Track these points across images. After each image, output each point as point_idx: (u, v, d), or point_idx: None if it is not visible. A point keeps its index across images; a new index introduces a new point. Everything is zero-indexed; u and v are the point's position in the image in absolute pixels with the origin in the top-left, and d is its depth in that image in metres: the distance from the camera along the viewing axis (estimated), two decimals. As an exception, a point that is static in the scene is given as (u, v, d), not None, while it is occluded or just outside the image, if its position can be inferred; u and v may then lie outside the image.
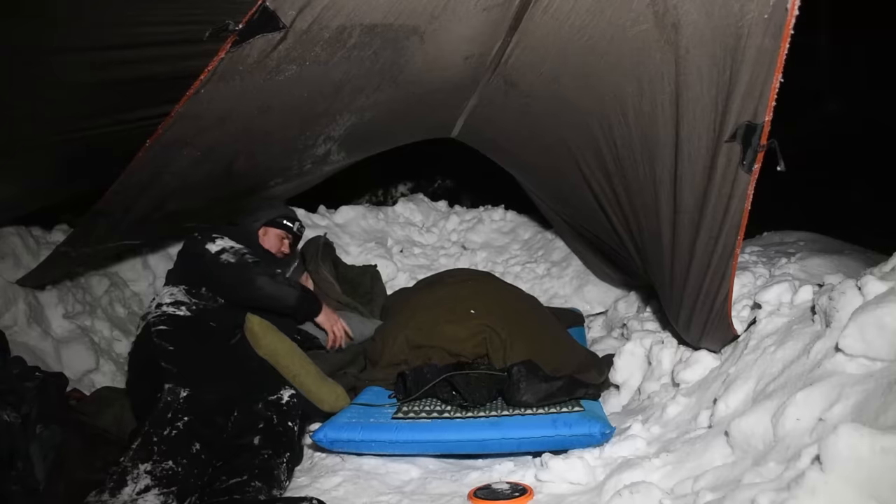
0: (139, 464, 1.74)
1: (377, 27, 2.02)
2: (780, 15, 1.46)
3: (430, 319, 2.73)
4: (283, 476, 1.91)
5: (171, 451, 1.79)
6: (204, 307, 2.41)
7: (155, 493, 1.68)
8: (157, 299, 2.45)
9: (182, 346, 2.19)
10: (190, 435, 1.86)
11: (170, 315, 2.32)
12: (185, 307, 2.37)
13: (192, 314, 2.36)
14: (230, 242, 2.52)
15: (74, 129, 2.14)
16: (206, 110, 2.04)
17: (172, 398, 1.94)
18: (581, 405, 2.18)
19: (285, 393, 2.19)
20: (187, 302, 2.40)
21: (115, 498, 1.66)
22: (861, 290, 1.52)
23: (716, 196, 1.82)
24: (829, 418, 1.31)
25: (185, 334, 2.27)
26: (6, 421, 1.70)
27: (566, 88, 2.42)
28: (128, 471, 1.72)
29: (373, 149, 3.59)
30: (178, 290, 2.44)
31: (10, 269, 2.63)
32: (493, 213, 4.65)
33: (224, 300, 2.46)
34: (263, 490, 1.79)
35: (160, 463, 1.75)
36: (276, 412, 2.08)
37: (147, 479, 1.70)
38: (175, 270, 2.61)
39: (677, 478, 1.59)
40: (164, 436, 1.83)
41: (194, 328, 2.33)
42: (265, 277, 2.43)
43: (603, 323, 3.47)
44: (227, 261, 2.42)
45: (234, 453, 1.91)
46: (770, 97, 1.56)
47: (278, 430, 2.03)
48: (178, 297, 2.41)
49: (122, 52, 1.81)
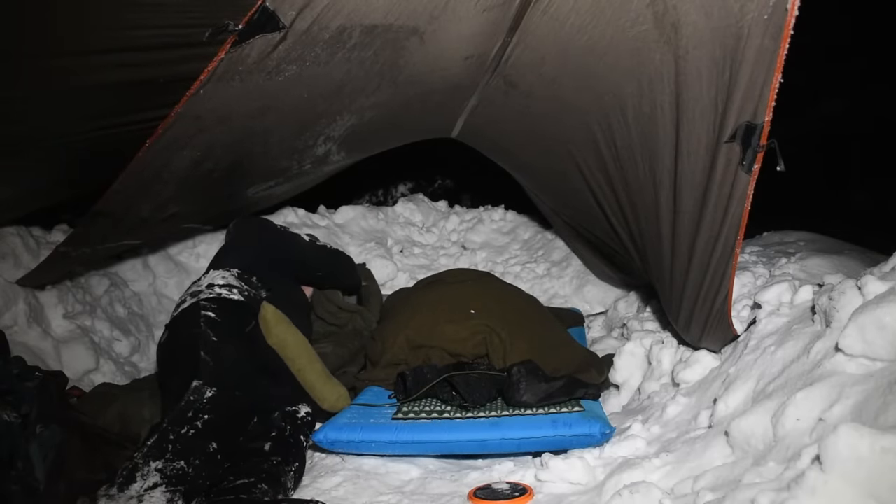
0: (151, 461, 1.74)
1: (377, 28, 2.02)
2: (780, 15, 1.46)
3: (430, 319, 2.73)
4: (289, 483, 1.91)
5: (185, 451, 1.79)
6: (253, 296, 2.41)
7: (161, 490, 1.68)
8: (205, 279, 2.42)
9: (224, 339, 2.18)
10: (208, 434, 1.86)
11: (223, 298, 2.30)
12: (238, 291, 2.37)
13: (244, 299, 2.35)
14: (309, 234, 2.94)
15: (74, 130, 2.14)
16: (206, 111, 2.05)
17: (196, 397, 1.93)
18: (581, 405, 2.18)
19: (303, 408, 2.22)
20: (238, 286, 2.39)
21: (123, 493, 1.67)
22: (861, 290, 1.52)
23: (716, 196, 1.83)
24: (829, 418, 1.31)
25: (233, 321, 2.25)
26: (6, 421, 1.70)
27: (566, 89, 2.42)
28: (139, 467, 1.73)
29: (373, 149, 3.59)
30: (231, 273, 2.44)
31: (10, 269, 2.63)
32: (493, 213, 4.65)
33: (273, 293, 2.50)
34: (269, 494, 1.79)
35: (172, 462, 1.75)
36: (290, 423, 2.10)
37: (156, 477, 1.71)
38: (234, 251, 2.63)
39: (677, 478, 1.59)
40: (180, 434, 1.83)
41: (242, 315, 2.31)
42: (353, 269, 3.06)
43: (603, 323, 3.47)
44: (333, 248, 2.94)
45: (243, 457, 1.91)
46: (770, 97, 1.56)
47: (290, 440, 2.04)
48: (229, 281, 2.40)
49: (121, 56, 1.80)
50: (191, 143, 2.23)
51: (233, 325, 2.25)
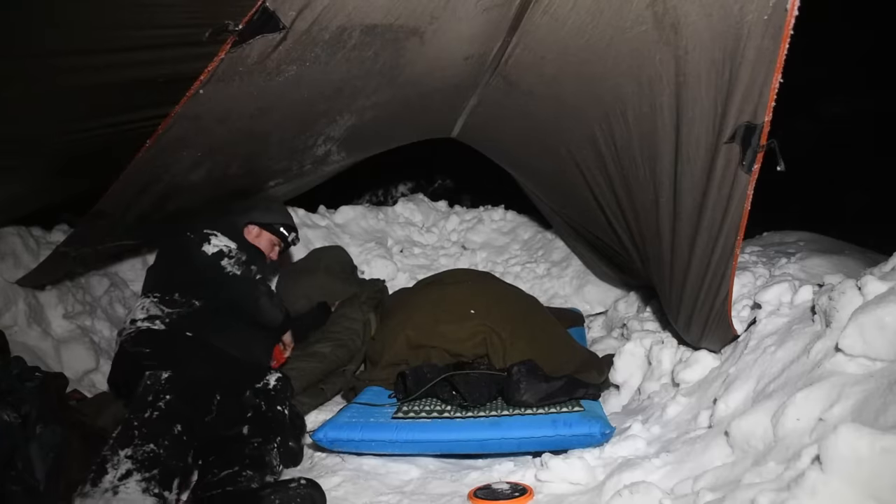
0: (119, 450, 1.72)
1: (377, 28, 2.02)
2: (780, 16, 1.46)
3: (430, 319, 2.73)
4: (275, 461, 1.90)
5: (151, 434, 1.76)
6: (178, 316, 2.29)
7: (136, 480, 1.65)
8: (130, 314, 2.34)
9: (160, 346, 2.15)
10: (171, 415, 1.83)
11: (143, 330, 2.22)
12: (160, 320, 2.26)
13: (166, 327, 2.25)
14: (225, 241, 2.43)
15: (74, 130, 2.14)
16: (206, 111, 2.05)
17: (153, 381, 1.91)
18: (581, 405, 2.18)
19: (271, 378, 2.16)
20: (160, 314, 2.27)
21: (96, 488, 1.64)
22: (861, 290, 1.52)
23: (715, 196, 1.83)
24: (829, 418, 1.31)
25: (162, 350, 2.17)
26: (6, 421, 1.70)
27: (566, 89, 2.42)
28: (107, 459, 1.70)
29: (373, 149, 3.59)
30: (150, 301, 2.31)
31: (10, 269, 2.62)
32: (493, 213, 4.65)
33: (204, 302, 2.33)
34: (256, 478, 1.79)
35: (141, 446, 1.73)
36: (264, 398, 2.07)
37: (128, 464, 1.68)
38: (154, 272, 2.47)
39: (677, 478, 1.59)
40: (144, 419, 1.80)
41: (170, 343, 2.22)
42: (266, 299, 2.43)
43: (603, 323, 3.47)
44: (233, 272, 2.36)
45: (224, 445, 1.90)
46: (770, 97, 1.56)
47: (267, 415, 2.02)
48: (150, 311, 2.28)
49: (121, 55, 1.80)
50: (190, 144, 2.23)
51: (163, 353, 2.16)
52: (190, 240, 2.41)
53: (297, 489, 1.71)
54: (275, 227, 2.74)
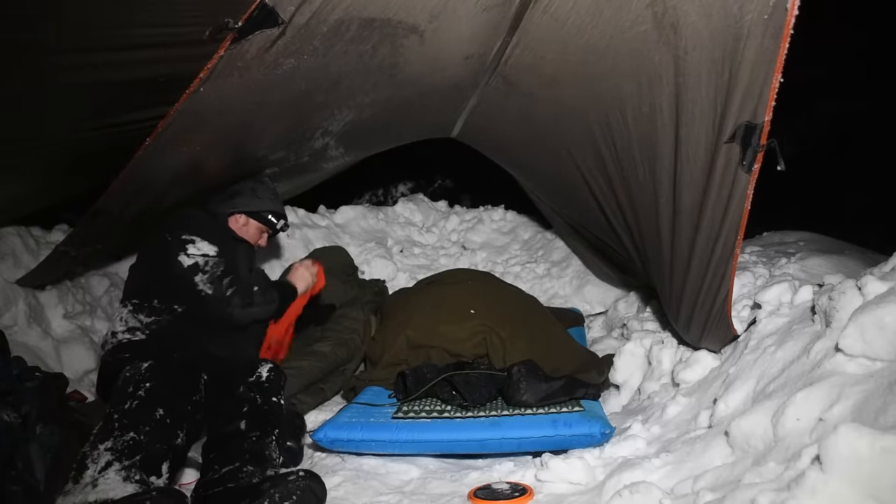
0: (98, 444, 1.69)
1: (375, 21, 2.02)
2: (780, 15, 1.46)
3: (430, 319, 2.73)
4: (274, 454, 1.90)
5: (131, 423, 1.74)
6: (158, 325, 2.21)
7: (115, 469, 1.63)
8: (110, 326, 2.27)
9: (142, 350, 2.11)
10: (152, 401, 1.81)
11: (125, 343, 2.17)
12: (140, 331, 2.19)
13: (146, 338, 2.19)
14: (204, 249, 2.28)
15: (74, 129, 2.14)
16: (205, 107, 2.04)
17: (133, 372, 1.88)
18: (581, 405, 2.18)
19: (263, 370, 2.13)
20: (139, 326, 2.20)
21: (77, 485, 1.61)
22: (861, 290, 1.52)
23: (715, 196, 1.83)
24: (829, 418, 1.31)
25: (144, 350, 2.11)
26: (6, 421, 1.69)
27: (566, 89, 2.42)
28: (87, 455, 1.67)
29: (372, 148, 3.59)
30: (128, 311, 2.23)
31: (10, 269, 2.62)
32: (493, 213, 4.66)
33: (186, 308, 2.25)
34: (256, 473, 1.79)
35: (121, 437, 1.70)
36: (258, 391, 2.06)
37: (108, 456, 1.65)
38: (134, 273, 2.38)
39: (677, 478, 1.59)
40: (124, 410, 1.78)
41: (153, 345, 2.16)
42: (239, 310, 2.28)
43: (603, 323, 3.47)
44: (205, 292, 2.22)
45: (223, 442, 1.90)
46: (770, 97, 1.56)
47: (263, 409, 2.01)
48: (129, 323, 2.20)
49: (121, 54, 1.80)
50: (190, 140, 2.23)
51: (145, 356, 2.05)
52: (168, 244, 2.28)
53: (296, 481, 1.71)
54: (262, 214, 2.64)
